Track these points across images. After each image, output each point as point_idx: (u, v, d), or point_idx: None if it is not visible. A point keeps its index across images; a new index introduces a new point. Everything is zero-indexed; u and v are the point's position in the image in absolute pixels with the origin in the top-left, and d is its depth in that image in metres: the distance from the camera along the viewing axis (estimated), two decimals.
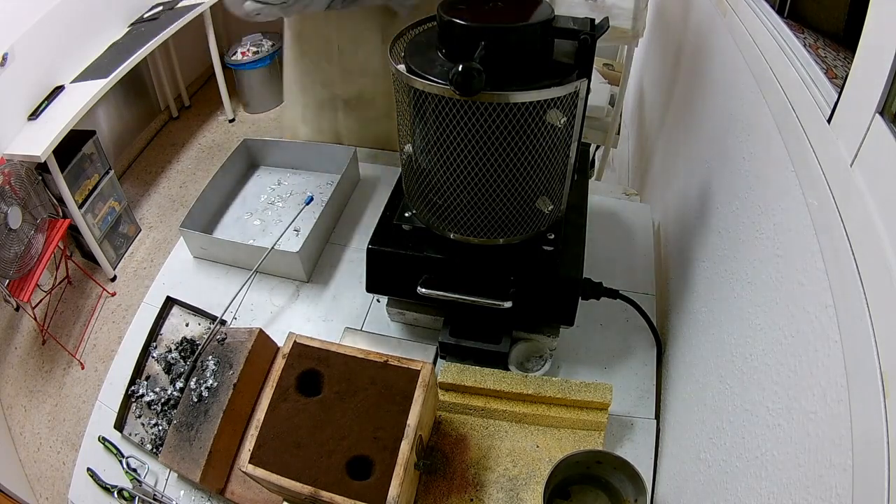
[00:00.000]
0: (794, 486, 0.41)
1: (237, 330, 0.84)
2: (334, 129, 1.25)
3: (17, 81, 2.07)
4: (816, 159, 0.48)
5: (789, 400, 0.45)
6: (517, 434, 0.76)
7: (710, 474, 0.58)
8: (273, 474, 0.62)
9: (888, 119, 0.40)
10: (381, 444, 0.63)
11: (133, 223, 2.60)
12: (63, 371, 2.13)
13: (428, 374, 0.67)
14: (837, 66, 0.55)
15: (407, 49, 0.68)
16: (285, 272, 0.99)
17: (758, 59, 0.71)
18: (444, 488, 0.71)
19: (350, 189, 1.14)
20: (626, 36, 1.56)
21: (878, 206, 0.38)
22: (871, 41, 0.44)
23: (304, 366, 0.69)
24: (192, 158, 3.08)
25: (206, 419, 0.76)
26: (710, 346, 0.68)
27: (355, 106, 1.20)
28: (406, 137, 0.73)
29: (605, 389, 0.73)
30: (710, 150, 0.90)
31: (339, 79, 1.16)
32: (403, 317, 0.88)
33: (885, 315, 0.34)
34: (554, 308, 0.77)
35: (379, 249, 0.79)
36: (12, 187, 1.84)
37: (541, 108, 0.61)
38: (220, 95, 3.20)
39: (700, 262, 0.81)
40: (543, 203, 0.71)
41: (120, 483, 0.80)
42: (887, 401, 0.32)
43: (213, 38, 2.95)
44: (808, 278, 0.47)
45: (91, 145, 2.28)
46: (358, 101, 1.19)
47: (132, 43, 2.48)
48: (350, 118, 1.23)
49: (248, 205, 1.13)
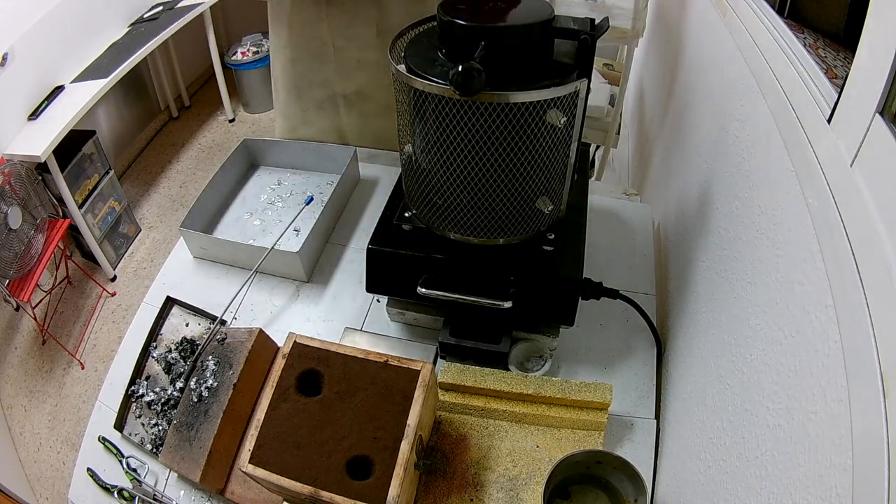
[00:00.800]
0: (794, 486, 0.41)
1: (237, 330, 0.84)
2: (337, 126, 1.25)
3: (17, 81, 2.07)
4: (816, 159, 0.48)
5: (789, 400, 0.45)
6: (517, 434, 0.76)
7: (710, 474, 0.58)
8: (273, 474, 0.62)
9: (888, 119, 0.40)
10: (381, 444, 0.63)
11: (133, 223, 2.61)
12: (63, 371, 2.13)
13: (428, 374, 0.67)
14: (837, 66, 0.55)
15: (407, 49, 0.68)
16: (285, 272, 0.99)
17: (758, 59, 0.71)
18: (444, 488, 0.71)
19: (350, 189, 1.14)
20: (626, 36, 1.56)
21: (878, 206, 0.38)
22: (871, 41, 0.44)
23: (304, 366, 0.69)
24: (192, 158, 3.08)
25: (206, 419, 0.76)
26: (710, 346, 0.68)
27: (355, 101, 1.20)
28: (406, 137, 0.73)
29: (605, 389, 0.73)
30: (710, 150, 0.90)
31: (336, 76, 1.16)
32: (403, 317, 0.88)
33: (885, 315, 0.34)
34: (554, 308, 0.77)
35: (379, 249, 0.79)
36: (12, 187, 1.84)
37: (541, 108, 0.61)
38: (220, 95, 3.20)
39: (700, 262, 0.81)
40: (543, 203, 0.71)
41: (120, 483, 0.80)
42: (887, 401, 0.32)
43: (213, 38, 2.95)
44: (808, 278, 0.47)
45: (91, 145, 2.28)
46: (357, 96, 1.19)
47: (132, 43, 2.48)
48: (351, 114, 1.23)
49: (248, 205, 1.13)
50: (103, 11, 2.50)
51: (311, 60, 1.15)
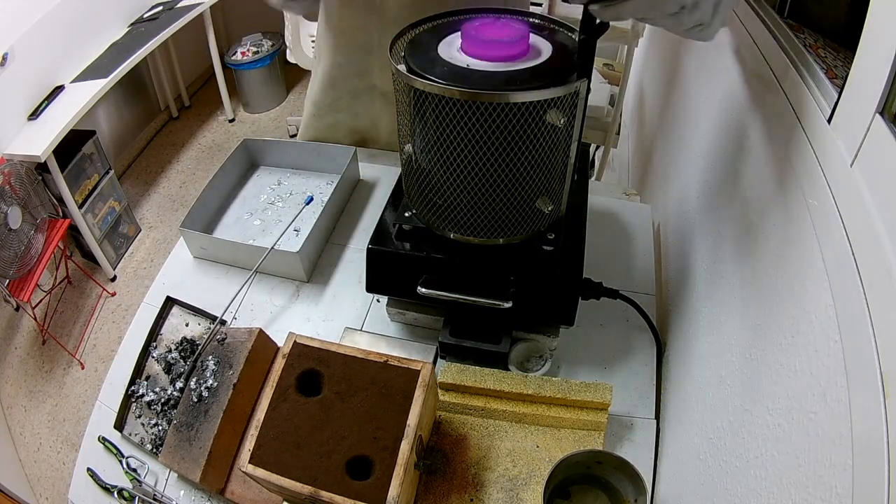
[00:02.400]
0: (794, 486, 0.41)
1: (237, 330, 0.84)
2: (370, 113, 1.22)
3: (17, 81, 2.07)
4: (816, 159, 0.48)
5: (789, 400, 0.45)
6: (517, 434, 0.76)
7: (710, 474, 0.58)
8: (273, 474, 0.62)
9: (888, 119, 0.40)
10: (381, 444, 0.63)
11: (133, 223, 2.61)
12: (63, 371, 2.13)
13: (428, 374, 0.67)
14: (837, 66, 0.55)
15: (407, 49, 0.68)
16: (285, 272, 0.99)
17: (758, 59, 0.71)
18: (444, 488, 0.71)
19: (350, 189, 1.14)
20: (626, 36, 1.56)
21: (878, 206, 0.38)
22: (871, 41, 0.44)
23: (304, 366, 0.69)
24: (192, 158, 3.08)
25: (206, 419, 0.76)
26: (710, 346, 0.68)
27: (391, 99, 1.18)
28: (406, 137, 0.73)
29: (605, 389, 0.73)
30: (710, 150, 0.90)
31: (377, 71, 1.14)
32: (403, 317, 0.88)
33: (885, 315, 0.34)
34: (554, 308, 0.77)
35: (379, 249, 0.79)
36: (12, 187, 1.85)
37: (541, 108, 0.61)
38: (220, 95, 3.20)
39: (700, 262, 0.81)
40: (543, 203, 0.71)
41: (120, 483, 0.80)
42: (887, 401, 0.32)
43: (213, 38, 2.95)
44: (808, 278, 0.47)
45: (91, 145, 2.28)
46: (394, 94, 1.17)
47: (132, 43, 2.48)
48: (385, 111, 1.20)
49: (248, 205, 1.13)
50: (103, 11, 2.50)
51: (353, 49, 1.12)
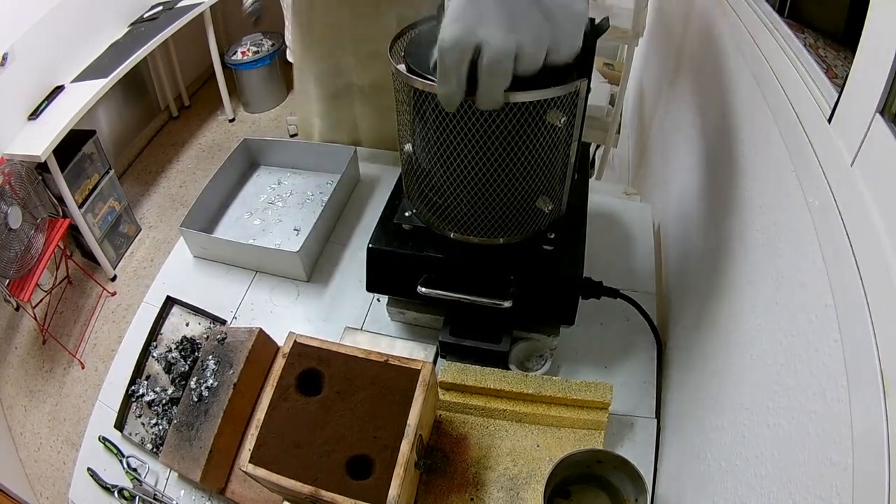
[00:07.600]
0: (795, 486, 0.41)
1: (237, 329, 0.84)
2: (351, 118, 1.22)
3: (17, 81, 2.07)
4: (816, 159, 0.48)
5: (789, 399, 0.45)
6: (517, 433, 0.76)
7: (710, 474, 0.58)
8: (273, 474, 0.62)
9: (888, 119, 0.40)
10: (382, 443, 0.63)
11: (133, 223, 2.61)
12: (63, 371, 2.13)
13: (428, 373, 0.67)
14: (837, 66, 0.55)
15: (407, 49, 0.68)
16: (285, 272, 0.99)
17: (758, 59, 0.71)
18: (445, 488, 0.71)
19: (350, 189, 1.14)
20: (626, 36, 1.56)
21: (878, 206, 0.38)
22: (871, 41, 0.44)
23: (304, 365, 0.69)
24: (192, 158, 3.08)
25: (206, 419, 0.76)
26: (710, 345, 0.68)
27: (370, 94, 1.18)
28: (406, 137, 0.73)
29: (606, 389, 0.73)
30: (710, 150, 0.90)
31: (353, 66, 1.14)
32: (403, 316, 0.88)
33: (885, 315, 0.34)
34: (554, 307, 0.77)
35: (379, 249, 0.79)
36: (12, 187, 1.85)
37: (541, 107, 0.61)
38: (220, 95, 3.20)
39: (700, 263, 0.81)
40: (544, 202, 0.71)
41: (120, 483, 0.80)
42: (887, 401, 0.32)
43: (213, 38, 2.95)
44: (808, 278, 0.47)
45: (91, 145, 2.28)
46: (372, 88, 1.17)
47: (132, 43, 2.48)
48: (367, 108, 1.19)
49: (248, 205, 1.13)
50: (103, 11, 2.50)
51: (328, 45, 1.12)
